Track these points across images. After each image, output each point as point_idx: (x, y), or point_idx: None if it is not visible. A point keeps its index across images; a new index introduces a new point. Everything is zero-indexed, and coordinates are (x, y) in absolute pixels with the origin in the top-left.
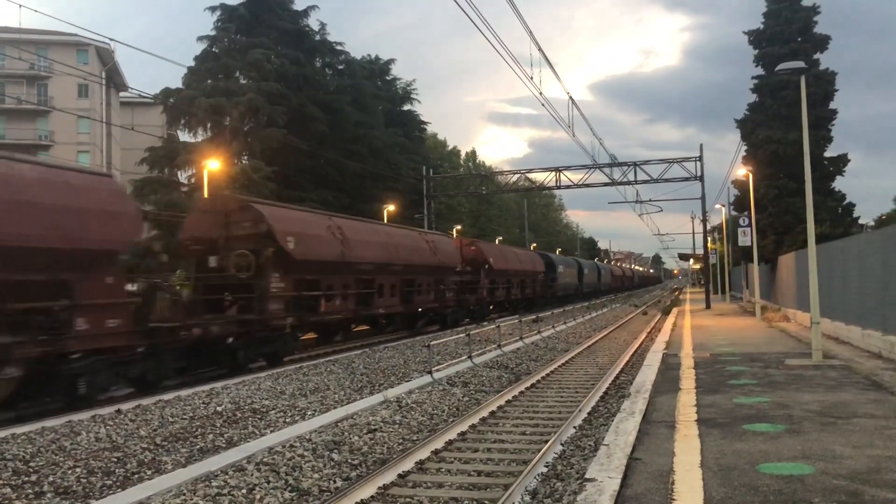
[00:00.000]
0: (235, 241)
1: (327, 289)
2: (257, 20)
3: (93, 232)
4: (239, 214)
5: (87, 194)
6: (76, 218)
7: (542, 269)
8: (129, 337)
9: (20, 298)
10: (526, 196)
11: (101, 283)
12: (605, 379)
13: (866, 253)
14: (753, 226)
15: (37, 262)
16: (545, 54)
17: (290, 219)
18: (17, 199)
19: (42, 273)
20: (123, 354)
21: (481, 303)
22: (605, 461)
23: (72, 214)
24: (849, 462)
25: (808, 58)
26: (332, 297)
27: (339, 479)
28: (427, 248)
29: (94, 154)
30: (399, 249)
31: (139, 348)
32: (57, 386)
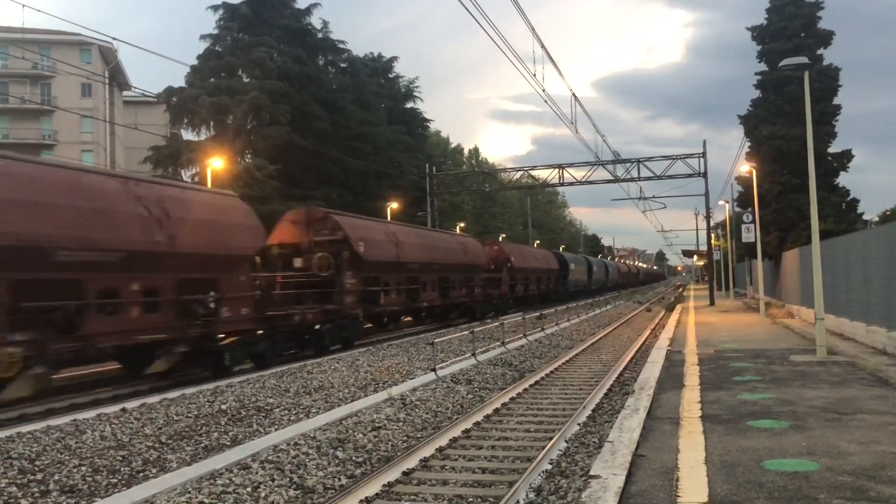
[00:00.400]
0: (317, 246)
1: (385, 285)
2: (260, 18)
3: (233, 241)
4: (319, 223)
5: (228, 212)
6: (223, 230)
7: (556, 266)
8: (255, 322)
9: (190, 291)
10: (529, 193)
11: (238, 280)
12: (609, 376)
13: (870, 249)
14: (757, 222)
15: (201, 264)
16: (548, 51)
17: (359, 226)
18: (193, 218)
19: (203, 273)
20: (250, 336)
21: (504, 297)
22: (609, 458)
23: (220, 228)
24: (854, 458)
25: (812, 53)
26: (388, 292)
27: (344, 477)
28: (460, 248)
29: (98, 153)
30: (438, 251)
31: (259, 331)
32: (207, 359)
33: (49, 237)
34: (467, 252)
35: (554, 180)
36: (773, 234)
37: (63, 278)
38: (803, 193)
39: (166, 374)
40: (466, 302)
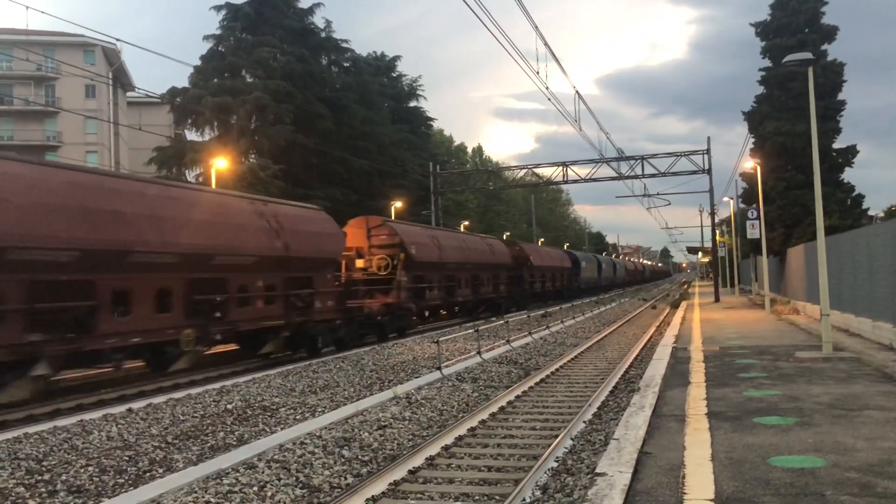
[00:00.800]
0: (376, 249)
1: (430, 282)
2: (263, 18)
3: (324, 246)
4: (378, 229)
5: (320, 223)
6: (318, 238)
7: (569, 265)
8: (338, 313)
9: (295, 287)
10: (533, 191)
11: (326, 279)
12: (615, 373)
13: (876, 244)
14: (762, 218)
15: (303, 266)
16: (551, 49)
17: (411, 232)
18: (299, 229)
19: (304, 272)
20: (334, 324)
21: (524, 294)
22: (615, 455)
23: (317, 236)
24: (861, 454)
25: (816, 49)
26: (432, 288)
27: (350, 476)
28: (488, 250)
29: (103, 154)
30: (470, 252)
31: (338, 320)
32: (303, 342)
33: (211, 246)
34: (494, 253)
35: (558, 178)
36: (778, 231)
37: (216, 277)
38: (808, 189)
39: (267, 356)
40: (493, 297)
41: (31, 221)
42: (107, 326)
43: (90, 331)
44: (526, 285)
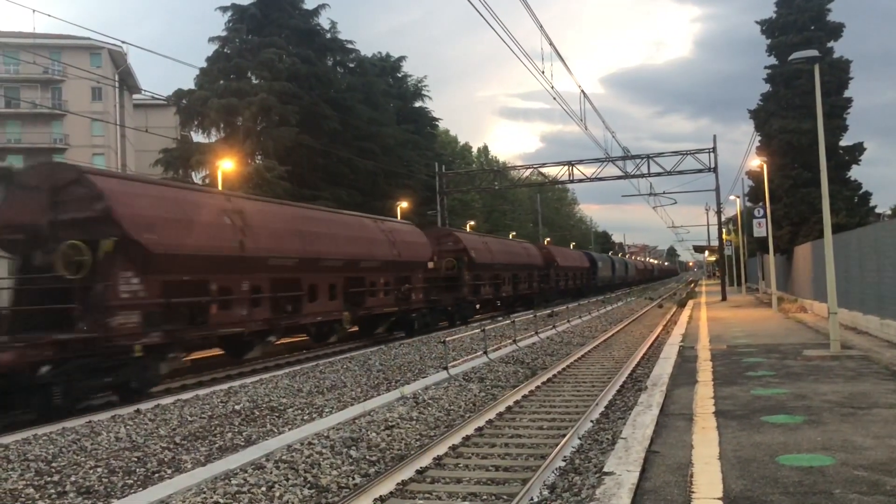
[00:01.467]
0: (445, 254)
1: (483, 280)
2: (268, 20)
3: (419, 253)
4: (445, 238)
5: (416, 235)
6: (415, 247)
7: (588, 265)
8: (425, 303)
9: (401, 283)
10: (539, 191)
11: (418, 276)
12: (622, 372)
13: (883, 242)
14: (769, 216)
15: (407, 267)
16: (556, 48)
17: (470, 239)
18: (405, 240)
19: (407, 272)
20: (422, 311)
21: (552, 290)
22: (623, 455)
23: (414, 245)
24: (869, 453)
25: (822, 46)
26: (485, 286)
27: (358, 476)
28: (524, 252)
29: (109, 156)
30: (512, 255)
31: (425, 309)
32: (404, 325)
33: (358, 255)
34: (529, 255)
35: (563, 177)
36: (784, 229)
37: (360, 276)
38: (815, 187)
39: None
40: (528, 294)
41: (276, 240)
42: (306, 308)
43: (299, 311)
44: (553, 283)
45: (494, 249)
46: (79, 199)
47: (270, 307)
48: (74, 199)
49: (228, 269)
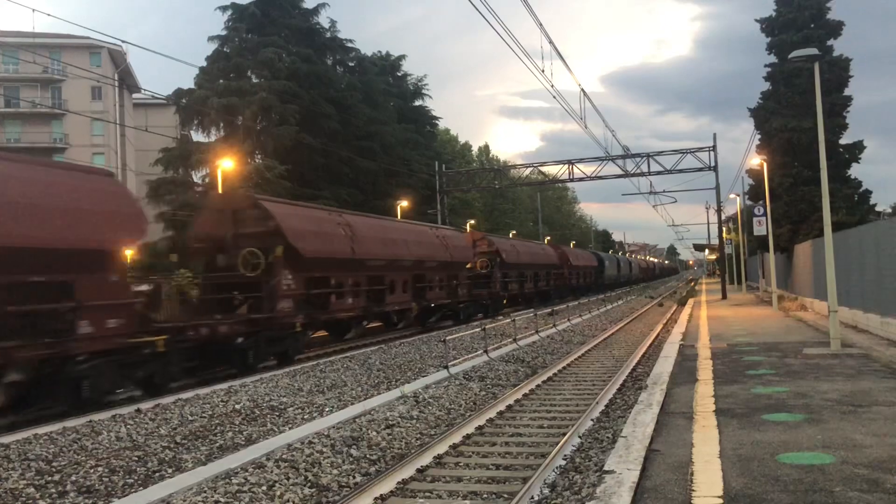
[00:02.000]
0: (480, 255)
1: (511, 278)
2: (268, 19)
3: (464, 255)
4: (480, 241)
5: (462, 239)
6: (462, 250)
7: (595, 264)
8: (467, 297)
9: (450, 280)
10: (539, 189)
11: (463, 275)
12: (622, 371)
13: (884, 240)
14: (769, 215)
15: (456, 267)
16: (556, 47)
17: (502, 241)
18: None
19: (453, 271)
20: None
21: (566, 287)
22: (623, 453)
23: (461, 248)
24: (870, 451)
25: (822, 44)
26: (513, 282)
27: (359, 475)
28: (544, 253)
29: (109, 156)
30: (537, 255)
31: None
32: (451, 314)
33: (422, 256)
34: (547, 255)
35: (564, 176)
36: (784, 227)
37: (423, 274)
38: (815, 185)
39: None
40: (547, 290)
41: (373, 246)
42: (389, 299)
43: (383, 302)
44: (566, 280)
45: (521, 251)
46: (255, 218)
47: (365, 298)
48: (251, 218)
49: (343, 268)
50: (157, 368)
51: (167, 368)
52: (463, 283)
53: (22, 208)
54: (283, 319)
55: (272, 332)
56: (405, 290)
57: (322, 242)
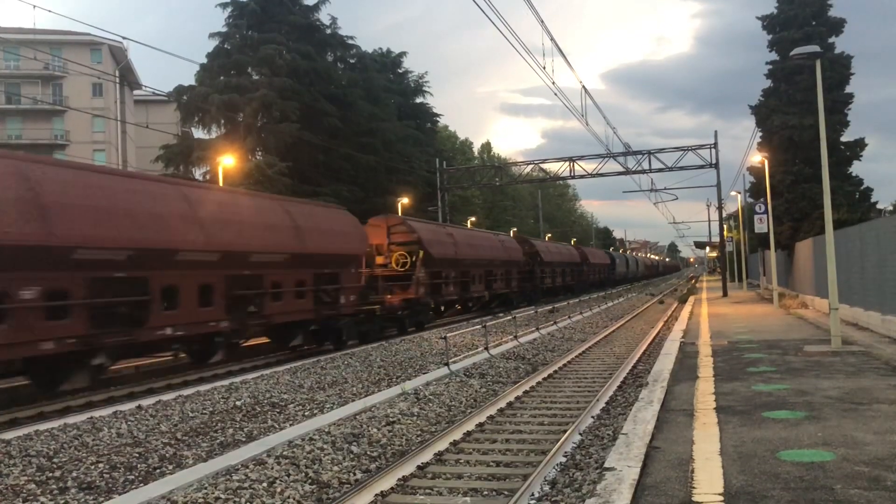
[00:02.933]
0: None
1: (552, 273)
2: (268, 15)
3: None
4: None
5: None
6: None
7: (608, 262)
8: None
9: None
10: (540, 187)
11: (515, 271)
12: (623, 368)
13: (885, 238)
14: (770, 212)
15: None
16: (557, 44)
17: (541, 243)
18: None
19: (505, 268)
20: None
21: (585, 282)
22: (624, 450)
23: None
24: (870, 448)
25: (823, 42)
26: (547, 277)
27: (359, 472)
28: (569, 252)
29: (110, 152)
30: (566, 255)
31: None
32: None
33: (492, 257)
34: (572, 255)
35: (565, 173)
36: (785, 225)
37: (491, 270)
38: (816, 183)
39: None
40: (572, 284)
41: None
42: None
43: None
44: (586, 276)
45: (552, 251)
46: (402, 232)
47: (460, 287)
48: (400, 232)
49: (449, 266)
50: (370, 327)
51: (374, 327)
52: (514, 277)
53: (325, 232)
54: (422, 300)
55: (415, 308)
56: (481, 282)
57: (443, 247)
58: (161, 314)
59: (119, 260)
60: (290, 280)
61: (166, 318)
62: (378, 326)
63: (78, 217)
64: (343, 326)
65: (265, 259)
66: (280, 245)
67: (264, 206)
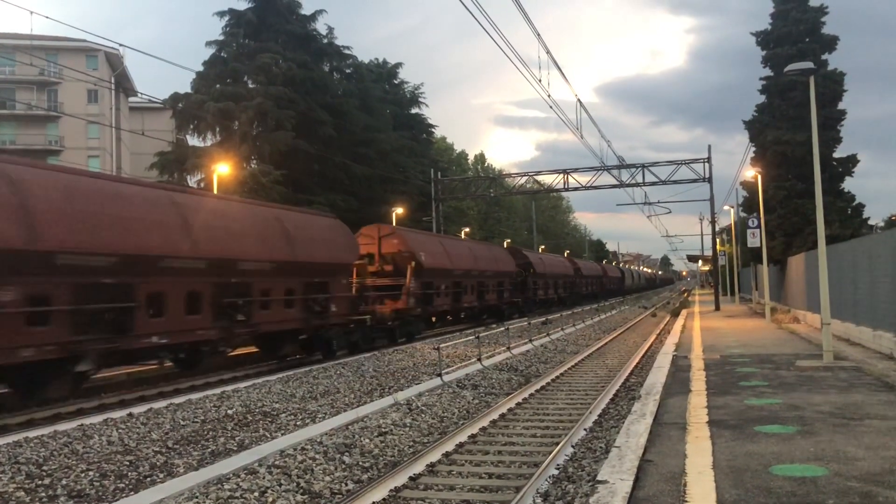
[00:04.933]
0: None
1: (545, 285)
2: (265, 24)
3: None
4: (514, 255)
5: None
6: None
7: (620, 275)
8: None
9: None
10: (534, 198)
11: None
12: (616, 381)
13: (877, 253)
14: (762, 227)
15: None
16: (553, 56)
17: (534, 255)
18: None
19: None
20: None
21: (604, 291)
22: (616, 463)
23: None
24: (862, 463)
25: (817, 58)
26: (547, 287)
27: (351, 482)
28: (561, 263)
29: (105, 159)
30: (559, 267)
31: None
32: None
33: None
34: (565, 266)
35: (559, 185)
36: (778, 239)
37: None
38: (809, 198)
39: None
40: (592, 292)
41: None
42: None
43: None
44: (605, 286)
45: (549, 262)
46: (394, 243)
47: (452, 298)
48: (392, 243)
49: (442, 276)
50: (361, 335)
51: (364, 337)
52: (507, 288)
53: (316, 240)
54: (412, 311)
55: (406, 319)
56: (472, 293)
57: (434, 258)
58: (147, 321)
59: (104, 266)
60: (279, 288)
61: (152, 326)
62: (368, 337)
63: (63, 221)
64: (333, 336)
65: (254, 267)
66: (270, 253)
67: (254, 213)
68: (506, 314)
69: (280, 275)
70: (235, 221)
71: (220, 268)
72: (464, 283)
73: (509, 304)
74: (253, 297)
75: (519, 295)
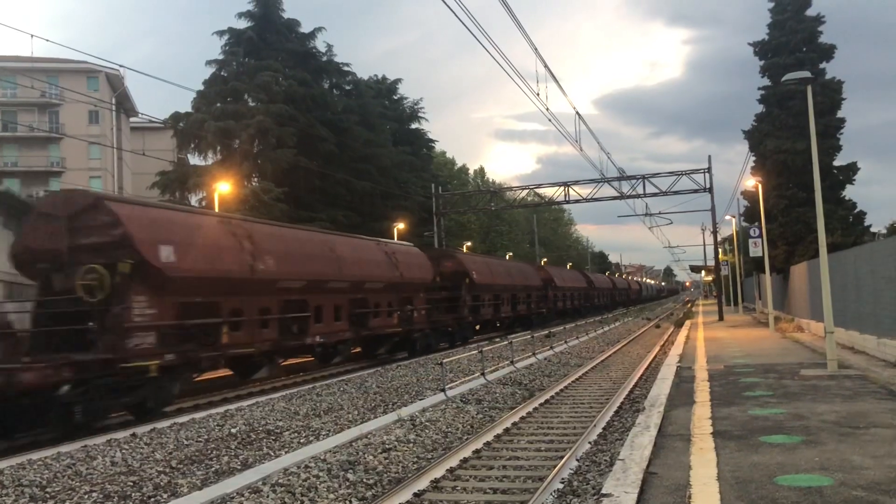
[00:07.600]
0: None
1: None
2: (265, 43)
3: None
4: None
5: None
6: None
7: (638, 288)
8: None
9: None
10: (535, 211)
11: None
12: (620, 393)
13: (879, 261)
14: (764, 236)
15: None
16: (551, 70)
17: (554, 270)
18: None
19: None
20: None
21: (624, 301)
22: (621, 476)
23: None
24: (868, 472)
25: (815, 67)
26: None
27: (355, 499)
28: (575, 277)
29: (106, 179)
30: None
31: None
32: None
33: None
34: (602, 281)
35: (560, 198)
36: (780, 248)
37: (497, 294)
38: (810, 207)
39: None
40: (580, 307)
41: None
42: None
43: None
44: (624, 297)
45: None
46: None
47: (493, 309)
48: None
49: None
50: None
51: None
52: (533, 300)
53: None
54: (467, 319)
55: (462, 325)
56: (508, 304)
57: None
58: (314, 326)
59: (297, 287)
60: (384, 302)
61: (316, 329)
62: (436, 339)
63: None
64: (417, 338)
65: (373, 286)
66: (382, 275)
67: (371, 246)
68: (533, 323)
69: (386, 291)
70: (363, 252)
71: (354, 287)
72: (502, 296)
73: (536, 314)
74: (370, 308)
75: (543, 306)
